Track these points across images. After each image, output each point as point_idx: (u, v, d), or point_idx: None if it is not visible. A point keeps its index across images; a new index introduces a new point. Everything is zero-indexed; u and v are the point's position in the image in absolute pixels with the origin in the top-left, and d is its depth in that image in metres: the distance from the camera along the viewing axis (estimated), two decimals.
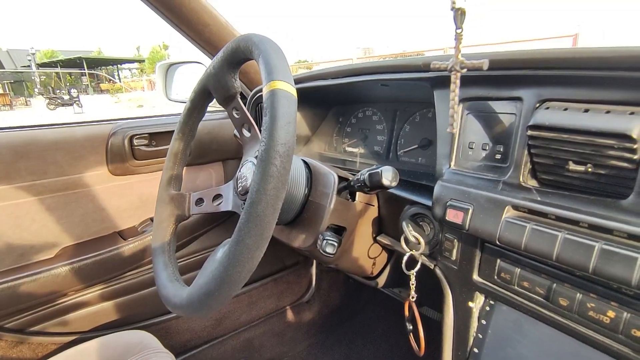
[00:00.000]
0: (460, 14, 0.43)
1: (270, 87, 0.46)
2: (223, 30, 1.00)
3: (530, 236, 0.44)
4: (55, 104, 17.80)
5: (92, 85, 30.83)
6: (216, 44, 1.03)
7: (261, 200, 0.42)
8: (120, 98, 21.66)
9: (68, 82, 29.96)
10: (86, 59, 30.41)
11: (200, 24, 0.97)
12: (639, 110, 0.39)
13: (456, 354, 0.60)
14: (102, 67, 36.59)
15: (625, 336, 0.41)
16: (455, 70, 0.48)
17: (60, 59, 31.52)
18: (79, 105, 16.64)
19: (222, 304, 0.47)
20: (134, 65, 41.58)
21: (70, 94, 17.84)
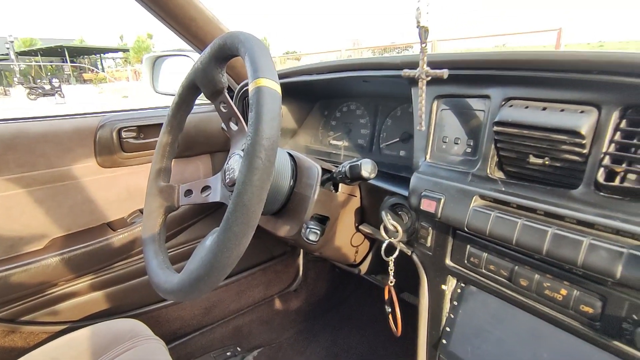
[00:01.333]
0: (424, 31, 0.48)
1: (256, 85, 0.48)
2: (209, 24, 1.02)
3: (494, 223, 0.48)
4: (36, 94, 17.29)
5: (75, 75, 30.00)
6: (203, 38, 1.04)
7: (247, 191, 0.45)
8: (104, 88, 21.15)
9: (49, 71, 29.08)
10: (68, 48, 29.50)
11: (187, 18, 0.98)
12: (588, 109, 0.43)
13: (430, 333, 0.65)
14: (85, 56, 35.58)
15: (575, 311, 0.46)
16: (421, 78, 0.53)
17: (40, 48, 30.51)
18: (61, 95, 16.21)
19: (211, 288, 0.50)
20: (118, 55, 40.56)
21: (52, 83, 17.35)
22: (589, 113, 0.43)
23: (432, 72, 0.52)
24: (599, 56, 0.41)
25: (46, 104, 14.86)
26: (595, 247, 0.40)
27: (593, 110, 0.43)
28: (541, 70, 0.46)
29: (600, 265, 0.39)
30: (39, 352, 0.79)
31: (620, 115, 0.42)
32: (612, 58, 0.40)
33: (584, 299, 0.44)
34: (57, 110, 12.61)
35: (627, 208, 0.40)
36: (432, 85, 0.62)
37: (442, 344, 0.63)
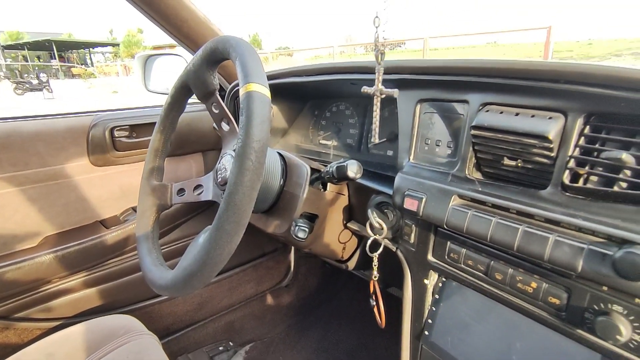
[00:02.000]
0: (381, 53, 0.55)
1: (247, 89, 0.51)
2: (201, 25, 1.03)
3: (470, 221, 0.52)
4: (24, 88, 16.95)
5: (63, 69, 29.48)
6: (194, 39, 1.06)
7: (238, 191, 0.47)
8: (94, 83, 20.83)
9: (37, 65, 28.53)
10: (55, 42, 28.95)
11: (179, 19, 1.00)
12: (556, 115, 0.46)
13: (414, 325, 0.69)
14: (73, 50, 34.97)
15: (544, 302, 0.49)
16: (376, 95, 0.59)
17: (27, 41, 29.89)
18: (49, 90, 15.91)
19: (204, 284, 0.52)
20: (107, 49, 39.92)
21: (40, 78, 17.01)
22: (556, 119, 0.46)
23: (386, 91, 0.60)
24: (565, 67, 0.45)
25: (34, 99, 14.60)
26: (560, 244, 0.43)
27: (560, 116, 0.46)
28: (515, 79, 0.50)
29: (563, 260, 0.43)
30: (34, 348, 0.81)
31: (584, 122, 0.45)
32: (578, 69, 0.44)
33: (552, 291, 0.48)
34: (46, 105, 12.41)
35: (589, 207, 0.43)
36: (416, 89, 0.65)
37: (425, 335, 0.66)
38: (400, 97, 0.67)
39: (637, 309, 0.41)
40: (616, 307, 0.43)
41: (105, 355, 0.78)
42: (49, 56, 30.27)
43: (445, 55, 14.28)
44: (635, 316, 0.41)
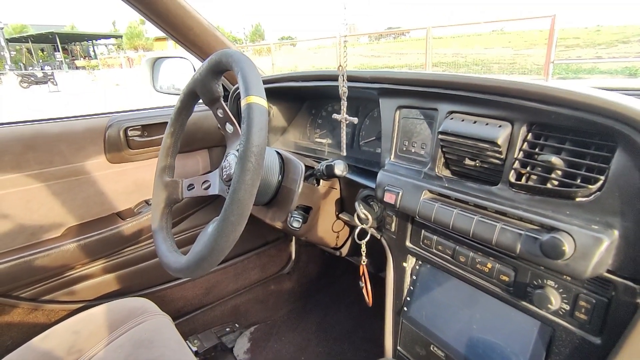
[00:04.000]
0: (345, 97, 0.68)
1: (247, 101, 0.60)
2: (206, 32, 1.12)
3: (436, 212, 0.61)
4: (29, 81, 17.08)
5: (67, 61, 29.58)
6: (200, 45, 1.15)
7: (241, 188, 0.57)
8: (97, 75, 20.93)
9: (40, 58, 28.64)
10: (59, 34, 28.98)
11: (185, 28, 1.09)
12: (504, 124, 0.55)
13: (395, 302, 0.79)
14: (77, 42, 35.00)
15: (497, 280, 0.59)
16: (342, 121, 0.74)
17: (31, 34, 29.95)
18: (54, 83, 16.04)
19: (213, 266, 0.62)
20: (110, 41, 39.90)
21: (44, 70, 17.17)
22: (505, 127, 0.55)
23: (350, 119, 0.75)
24: (511, 84, 0.53)
25: (39, 92, 14.73)
26: (504, 230, 0.52)
27: (508, 125, 0.55)
28: (473, 92, 0.58)
29: (506, 244, 0.52)
30: (62, 326, 0.91)
31: (527, 130, 0.54)
32: (520, 87, 0.52)
33: (503, 270, 0.58)
34: (51, 98, 12.53)
35: (529, 201, 0.52)
36: (396, 97, 0.74)
37: (404, 310, 0.76)
38: (382, 103, 0.76)
39: (565, 283, 0.51)
40: (549, 282, 0.52)
41: (125, 333, 0.89)
42: (53, 48, 30.34)
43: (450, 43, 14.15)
44: (564, 289, 0.51)
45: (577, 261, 0.45)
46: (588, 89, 0.48)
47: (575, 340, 0.50)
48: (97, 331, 0.89)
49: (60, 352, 0.84)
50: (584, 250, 0.45)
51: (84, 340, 0.86)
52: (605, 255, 0.44)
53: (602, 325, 0.48)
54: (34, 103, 11.09)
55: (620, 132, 0.43)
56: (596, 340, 0.48)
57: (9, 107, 9.85)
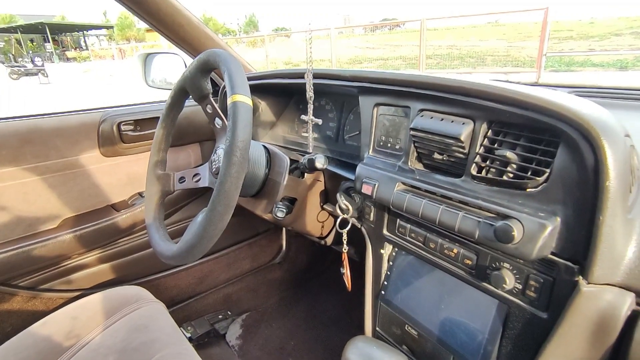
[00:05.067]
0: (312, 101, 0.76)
1: (233, 100, 0.64)
2: (195, 29, 1.16)
3: (407, 202, 0.66)
4: (19, 73, 16.83)
5: (57, 52, 29.11)
6: (190, 41, 1.18)
7: (227, 180, 0.61)
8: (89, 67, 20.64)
9: (30, 49, 28.15)
10: (49, 25, 28.47)
11: (176, 25, 1.12)
12: (467, 121, 0.60)
13: (374, 287, 0.85)
14: (67, 33, 34.39)
15: (462, 264, 0.65)
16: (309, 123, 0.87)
17: (19, 24, 29.38)
18: (45, 74, 15.81)
19: (203, 253, 0.66)
20: (101, 32, 39.27)
21: (34, 62, 16.88)
22: (468, 124, 0.60)
23: (315, 120, 0.87)
24: (473, 85, 0.58)
25: (29, 84, 14.53)
26: (465, 218, 0.58)
27: (470, 122, 0.60)
28: (440, 91, 0.63)
29: (467, 230, 0.57)
30: (60, 313, 0.95)
31: (487, 127, 0.59)
32: (480, 88, 0.57)
33: (466, 254, 0.63)
34: (42, 90, 12.38)
35: (487, 192, 0.58)
36: (373, 95, 0.79)
37: (382, 294, 0.82)
38: (362, 101, 0.81)
39: (518, 265, 0.57)
40: (505, 264, 0.58)
41: (121, 319, 0.93)
42: (43, 39, 29.82)
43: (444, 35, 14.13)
44: (517, 270, 0.57)
45: (525, 245, 0.51)
46: (539, 90, 0.54)
47: (526, 316, 0.56)
48: (94, 317, 0.93)
49: (59, 337, 0.89)
50: (530, 235, 0.50)
51: (81, 326, 0.90)
52: (549, 239, 0.50)
53: (548, 302, 0.54)
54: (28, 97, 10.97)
55: (562, 130, 0.49)
56: (543, 315, 0.54)
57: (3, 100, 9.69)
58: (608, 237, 0.45)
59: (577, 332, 0.50)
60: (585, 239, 0.48)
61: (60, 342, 0.87)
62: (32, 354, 0.84)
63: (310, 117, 0.81)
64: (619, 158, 0.44)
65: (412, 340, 0.76)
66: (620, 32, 14.05)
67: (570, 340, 0.51)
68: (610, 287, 0.48)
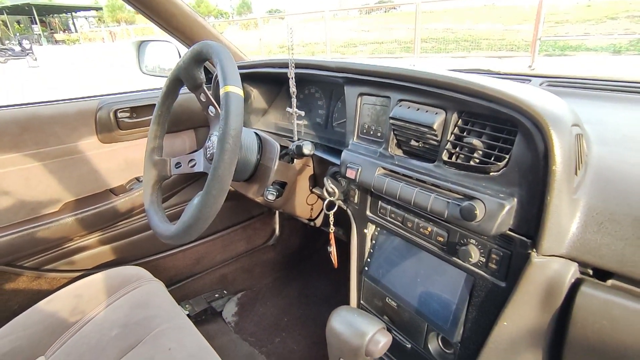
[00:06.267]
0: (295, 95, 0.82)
1: (225, 90, 0.69)
2: (188, 18, 1.19)
3: (387, 185, 0.73)
4: (6, 56, 16.48)
5: (45, 35, 28.38)
6: (182, 30, 1.22)
7: (220, 166, 0.67)
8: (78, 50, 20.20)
9: (17, 31, 27.42)
10: (36, 6, 27.65)
11: (168, 14, 1.16)
12: (440, 111, 0.66)
13: (358, 263, 0.92)
14: (55, 15, 33.47)
15: (435, 240, 0.71)
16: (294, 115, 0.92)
17: (5, 6, 28.52)
18: (33, 57, 15.50)
19: (199, 233, 0.72)
20: (90, 14, 38.28)
21: (22, 45, 16.52)
22: (440, 114, 0.66)
23: (298, 112, 0.95)
24: (443, 78, 0.64)
25: (18, 67, 14.24)
26: (436, 199, 0.64)
27: (442, 112, 0.66)
28: (416, 83, 0.69)
29: (437, 210, 0.64)
30: (64, 292, 1.01)
31: (458, 117, 0.65)
32: (450, 81, 0.63)
33: (439, 232, 0.70)
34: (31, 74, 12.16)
35: (456, 176, 0.64)
36: (357, 85, 0.84)
37: (365, 270, 0.89)
38: (347, 90, 0.86)
39: (482, 241, 0.64)
40: (472, 240, 0.65)
41: (122, 296, 0.99)
42: (30, 21, 29.01)
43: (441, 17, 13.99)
44: (481, 246, 0.64)
45: (486, 222, 0.57)
46: (503, 83, 0.59)
47: (489, 285, 0.63)
48: (97, 295, 0.99)
49: (64, 314, 0.95)
50: (491, 213, 0.57)
51: (85, 303, 0.96)
52: (506, 217, 0.57)
53: (506, 272, 0.61)
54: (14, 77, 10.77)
55: (519, 120, 0.55)
56: (502, 284, 0.61)
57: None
58: (555, 215, 0.52)
59: (529, 298, 0.57)
60: (536, 216, 0.54)
61: (66, 318, 0.93)
62: (40, 329, 0.90)
63: (294, 109, 0.86)
64: (564, 146, 0.51)
65: (392, 311, 0.83)
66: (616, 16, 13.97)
67: (524, 304, 0.58)
68: (557, 258, 0.54)
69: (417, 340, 0.79)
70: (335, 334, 0.67)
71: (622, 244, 0.49)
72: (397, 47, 12.34)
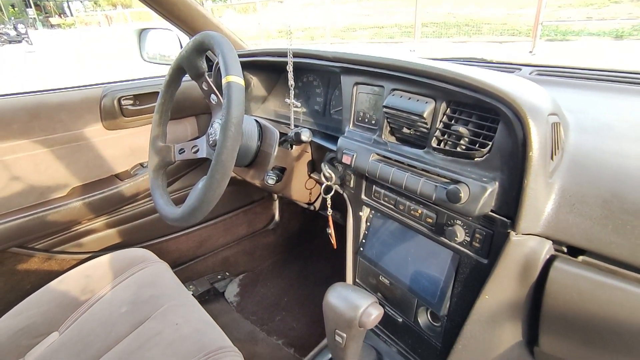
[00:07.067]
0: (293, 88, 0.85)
1: (227, 80, 0.72)
2: (188, 7, 1.22)
3: (380, 170, 0.77)
4: (2, 40, 16.29)
5: (40, 19, 27.92)
6: (183, 19, 1.24)
7: (223, 152, 0.71)
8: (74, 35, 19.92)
9: (12, 14, 26.95)
10: None
11: (169, 3, 1.18)
12: (430, 100, 0.70)
13: (355, 244, 0.97)
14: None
15: (424, 222, 0.76)
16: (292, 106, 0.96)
17: None
18: (29, 42, 15.33)
19: (203, 215, 0.77)
20: None
21: (17, 29, 16.30)
22: (430, 103, 0.70)
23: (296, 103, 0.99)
24: (432, 69, 0.68)
25: (15, 52, 14.08)
26: (426, 183, 0.69)
27: (432, 101, 0.70)
28: (408, 73, 0.73)
29: (426, 193, 0.69)
30: (74, 272, 1.07)
31: (446, 106, 0.69)
32: (438, 72, 0.67)
33: (428, 214, 0.75)
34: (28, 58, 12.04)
35: (444, 161, 0.69)
36: (353, 75, 0.88)
37: (360, 250, 0.94)
38: (343, 79, 0.90)
39: (467, 221, 0.69)
40: (458, 221, 0.70)
41: (130, 277, 1.04)
42: (24, 4, 28.49)
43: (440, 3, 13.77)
44: (466, 226, 0.69)
45: (470, 204, 0.62)
46: (488, 74, 0.63)
47: (473, 262, 0.69)
48: (105, 275, 1.04)
49: (75, 293, 1.01)
50: (474, 196, 0.62)
51: (94, 283, 1.02)
52: (488, 199, 0.61)
53: (488, 250, 0.66)
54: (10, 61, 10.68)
55: (500, 109, 0.59)
56: (485, 261, 0.67)
57: None
58: (531, 197, 0.57)
59: (508, 273, 0.63)
60: (515, 199, 0.59)
61: (77, 297, 0.99)
62: (52, 306, 0.96)
63: (292, 100, 0.90)
64: (541, 133, 0.55)
65: (385, 288, 0.89)
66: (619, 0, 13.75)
67: (504, 279, 0.63)
68: (533, 236, 0.60)
69: (407, 315, 0.85)
70: (331, 307, 0.72)
71: (591, 223, 0.54)
72: (397, 31, 12.19)
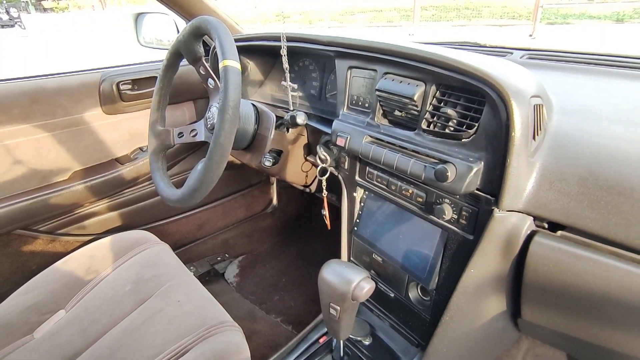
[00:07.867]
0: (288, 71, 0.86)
1: (224, 64, 0.74)
2: None
3: (373, 152, 0.80)
4: None
5: (33, 2, 27.32)
6: (179, 3, 1.25)
7: (221, 134, 0.73)
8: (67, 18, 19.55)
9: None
10: None
11: None
12: (420, 83, 0.73)
13: (349, 224, 1.01)
14: None
15: (415, 201, 0.80)
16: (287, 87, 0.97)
17: None
18: (22, 27, 15.07)
19: (203, 196, 0.79)
20: None
21: (10, 13, 15.99)
22: (420, 86, 0.72)
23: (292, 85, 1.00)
24: (422, 52, 0.70)
25: (9, 37, 13.86)
26: (415, 164, 0.72)
27: (422, 84, 0.72)
28: (399, 57, 0.75)
29: (415, 173, 0.72)
30: (78, 253, 1.10)
31: (436, 89, 0.72)
32: (428, 55, 0.69)
33: (418, 193, 0.78)
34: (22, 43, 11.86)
35: (433, 142, 0.71)
36: (347, 59, 0.89)
37: (355, 230, 0.98)
38: (337, 63, 0.92)
39: (455, 200, 0.72)
40: (446, 200, 0.73)
41: (132, 257, 1.08)
42: None
43: None
44: (454, 204, 0.72)
45: (456, 182, 0.65)
46: (474, 57, 0.66)
47: (459, 238, 0.73)
48: (108, 256, 1.08)
49: (80, 272, 1.04)
50: (460, 175, 0.65)
51: (98, 263, 1.05)
52: (474, 178, 0.65)
53: (474, 227, 0.69)
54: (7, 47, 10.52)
55: (486, 92, 0.61)
56: (470, 237, 0.70)
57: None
58: (513, 176, 0.60)
59: (492, 248, 0.66)
60: (499, 177, 0.62)
61: (82, 276, 1.03)
62: (58, 286, 1.00)
63: (288, 83, 0.92)
64: (523, 114, 0.58)
65: (377, 266, 0.93)
66: None
67: (488, 253, 0.67)
68: (515, 212, 0.63)
69: (399, 290, 0.89)
70: (326, 282, 0.76)
71: (568, 199, 0.58)
72: (396, 15, 12.02)
